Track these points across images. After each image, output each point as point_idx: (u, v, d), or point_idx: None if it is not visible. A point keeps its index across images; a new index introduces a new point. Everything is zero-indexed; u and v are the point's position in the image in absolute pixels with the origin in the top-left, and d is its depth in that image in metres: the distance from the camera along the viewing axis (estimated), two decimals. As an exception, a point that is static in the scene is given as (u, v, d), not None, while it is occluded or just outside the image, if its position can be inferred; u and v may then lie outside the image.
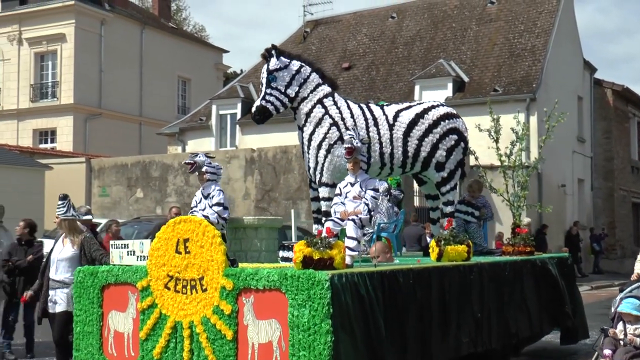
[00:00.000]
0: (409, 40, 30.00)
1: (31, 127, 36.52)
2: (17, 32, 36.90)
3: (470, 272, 7.93)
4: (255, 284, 6.06)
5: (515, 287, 8.85)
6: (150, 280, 6.80)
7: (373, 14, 32.37)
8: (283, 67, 8.92)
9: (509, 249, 9.58)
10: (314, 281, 5.74)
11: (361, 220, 7.33)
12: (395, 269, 6.74)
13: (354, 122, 8.96)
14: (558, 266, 9.96)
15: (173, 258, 6.67)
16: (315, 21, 33.57)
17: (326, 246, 6.17)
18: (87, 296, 7.32)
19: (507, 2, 29.14)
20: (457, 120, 9.73)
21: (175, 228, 6.73)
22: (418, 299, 6.89)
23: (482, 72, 26.93)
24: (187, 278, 6.54)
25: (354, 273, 6.09)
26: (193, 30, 54.85)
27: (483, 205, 10.68)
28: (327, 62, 30.89)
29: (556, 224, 26.26)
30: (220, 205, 8.11)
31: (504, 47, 27.35)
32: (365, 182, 7.64)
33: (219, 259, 6.34)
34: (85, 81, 35.76)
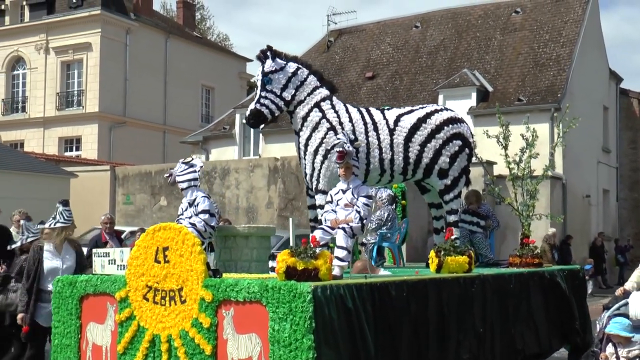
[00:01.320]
0: (433, 49, 29.91)
1: (57, 135, 36.87)
2: (44, 41, 37.33)
3: (472, 285, 7.51)
4: (236, 296, 5.73)
5: (521, 300, 8.43)
6: (129, 291, 6.48)
7: (397, 23, 32.33)
8: (279, 69, 8.60)
9: (516, 261, 9.17)
10: (296, 293, 5.41)
11: (352, 228, 6.91)
12: (388, 281, 6.38)
13: (352, 126, 8.60)
14: (568, 279, 9.49)
15: (152, 267, 6.33)
16: (339, 30, 33.59)
17: (311, 256, 5.82)
18: (66, 307, 7.01)
19: (532, 12, 28.97)
20: (461, 125, 9.31)
21: (155, 236, 6.38)
22: (412, 313, 6.50)
23: (506, 81, 26.76)
24: (166, 289, 6.20)
25: (340, 285, 5.75)
26: (217, 39, 55.16)
27: (488, 214, 10.35)
28: (351, 71, 30.89)
29: (581, 234, 25.98)
30: (206, 213, 7.70)
31: (529, 57, 27.17)
32: (357, 188, 7.21)
33: (199, 269, 6.02)
34: (110, 90, 36.07)
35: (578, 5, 28.07)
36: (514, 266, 9.08)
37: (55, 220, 8.14)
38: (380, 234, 9.77)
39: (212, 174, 23.77)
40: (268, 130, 28.60)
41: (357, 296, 5.82)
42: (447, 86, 26.81)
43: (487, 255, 10.00)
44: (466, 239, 9.81)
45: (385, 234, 9.81)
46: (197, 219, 7.64)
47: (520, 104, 24.64)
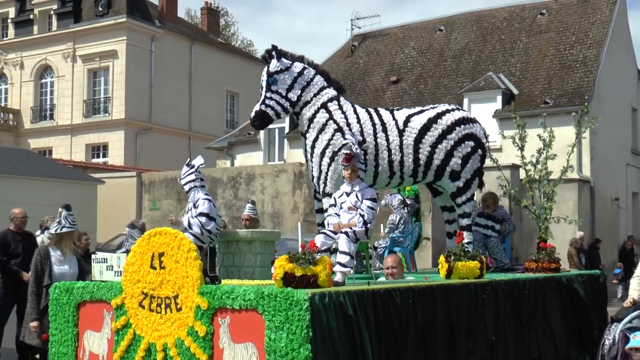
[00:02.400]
0: (458, 52, 29.77)
1: (84, 142, 37.24)
2: (71, 50, 37.75)
3: (483, 291, 7.13)
4: (231, 303, 5.50)
5: (537, 307, 8.02)
6: (125, 298, 6.28)
7: (421, 27, 32.23)
8: (284, 69, 8.34)
9: (532, 266, 8.75)
10: (292, 301, 5.15)
11: (355, 233, 6.59)
12: (392, 287, 6.08)
13: (360, 127, 8.36)
14: (587, 285, 9.03)
15: (148, 274, 6.11)
16: (363, 35, 33.56)
17: (309, 262, 5.56)
18: (63, 314, 6.83)
19: (558, 13, 28.72)
20: (474, 126, 8.98)
21: (151, 241, 6.15)
22: (419, 320, 6.21)
23: (532, 84, 26.55)
24: (162, 296, 6.00)
25: (339, 292, 5.48)
26: (241, 45, 55.40)
27: (503, 218, 10.00)
28: (375, 75, 30.84)
29: (609, 238, 25.66)
30: (204, 216, 7.43)
31: (555, 59, 26.93)
32: (361, 191, 6.89)
33: (194, 275, 5.79)
34: (136, 96, 36.36)
35: (605, 6, 27.77)
36: (530, 271, 8.71)
37: (60, 225, 8.08)
38: (392, 238, 9.61)
39: (237, 179, 23.84)
40: (293, 135, 28.62)
41: (358, 304, 5.57)
42: (472, 89, 26.65)
43: (502, 260, 9.67)
44: (480, 243, 9.51)
45: (397, 238, 9.62)
46: (194, 221, 7.46)
47: (546, 107, 24.42)
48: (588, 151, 24.55)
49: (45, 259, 8.14)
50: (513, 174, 21.04)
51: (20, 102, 39.25)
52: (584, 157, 24.44)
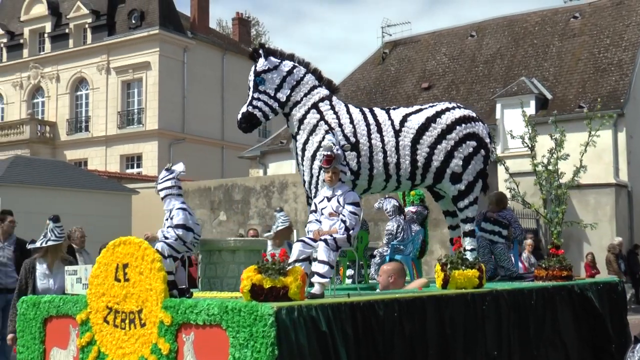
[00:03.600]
0: (489, 58, 29.58)
1: (118, 152, 37.67)
2: (105, 62, 38.25)
3: (482, 302, 6.59)
4: (195, 319, 5.10)
5: (545, 318, 7.44)
6: (90, 313, 5.87)
7: (452, 33, 32.10)
8: (272, 68, 7.87)
9: (541, 274, 8.17)
10: (256, 316, 4.74)
11: (336, 240, 6.12)
12: (374, 299, 5.60)
13: (353, 128, 7.86)
14: (603, 294, 8.40)
15: (112, 287, 5.71)
16: (394, 42, 33.52)
17: (279, 272, 5.13)
18: (30, 330, 6.43)
19: (591, 16, 28.41)
20: (476, 124, 8.41)
21: (115, 251, 5.74)
22: (407, 335, 5.71)
23: (565, 88, 26.27)
24: (126, 310, 5.59)
25: (311, 305, 5.01)
26: (273, 54, 55.56)
27: (509, 222, 9.35)
28: (407, 82, 30.76)
29: (648, 244, 25.26)
30: (181, 228, 7.05)
31: (589, 62, 26.62)
32: (343, 195, 6.40)
33: (158, 288, 5.39)
34: (169, 107, 36.70)
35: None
36: (539, 280, 8.15)
37: (46, 238, 7.69)
38: (392, 246, 9.14)
39: (270, 188, 23.91)
40: (325, 144, 28.63)
41: (333, 318, 5.10)
42: (504, 95, 26.46)
43: (509, 268, 9.05)
44: (486, 250, 8.98)
45: (397, 246, 9.15)
46: (171, 232, 7.06)
47: (581, 111, 24.17)
48: (625, 155, 24.21)
49: (30, 272, 7.85)
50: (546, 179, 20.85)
51: (57, 114, 39.85)
52: (620, 161, 24.11)
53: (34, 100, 41.41)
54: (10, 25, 42.83)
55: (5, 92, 41.99)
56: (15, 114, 40.85)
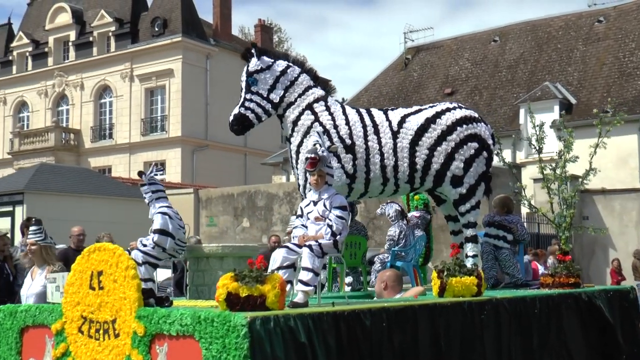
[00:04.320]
0: (513, 63, 29.43)
1: (142, 159, 37.90)
2: (128, 70, 38.55)
3: (481, 311, 6.24)
4: (169, 329, 4.85)
5: (550, 328, 7.06)
6: (65, 323, 5.62)
7: (475, 38, 31.98)
8: (265, 68, 7.58)
9: (548, 281, 7.81)
10: (229, 326, 4.50)
11: (321, 246, 5.82)
12: (360, 309, 5.27)
13: (349, 129, 7.56)
14: (613, 301, 7.96)
15: (87, 295, 5.45)
16: (417, 47, 33.46)
17: (256, 280, 4.87)
18: (6, 341, 6.16)
19: (616, 20, 28.16)
20: (478, 125, 8.07)
21: (90, 258, 5.48)
22: (396, 346, 5.38)
23: (590, 93, 26.07)
24: (101, 320, 5.34)
25: (289, 315, 4.74)
26: (295, 61, 55.71)
27: (510, 224, 8.89)
28: (429, 88, 30.68)
29: (676, 250, 24.92)
30: (158, 233, 6.78)
31: (614, 67, 26.39)
32: (330, 199, 6.10)
33: (132, 297, 5.13)
34: (192, 114, 36.90)
35: (665, 11, 27.19)
36: (546, 287, 7.79)
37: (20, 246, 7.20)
38: (393, 252, 8.86)
39: (293, 194, 23.92)
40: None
41: (314, 328, 4.81)
42: (528, 100, 26.30)
43: (514, 275, 8.66)
44: (490, 256, 8.64)
45: (398, 252, 8.86)
46: (150, 238, 6.83)
47: (605, 116, 23.94)
48: (651, 160, 23.96)
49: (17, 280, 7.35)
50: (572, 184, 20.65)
51: (81, 122, 40.21)
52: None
53: (59, 108, 41.83)
54: (35, 34, 43.35)
55: (31, 100, 42.46)
56: (41, 122, 41.29)
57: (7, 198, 19.89)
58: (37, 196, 19.77)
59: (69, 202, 20.87)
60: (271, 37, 49.00)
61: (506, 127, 26.78)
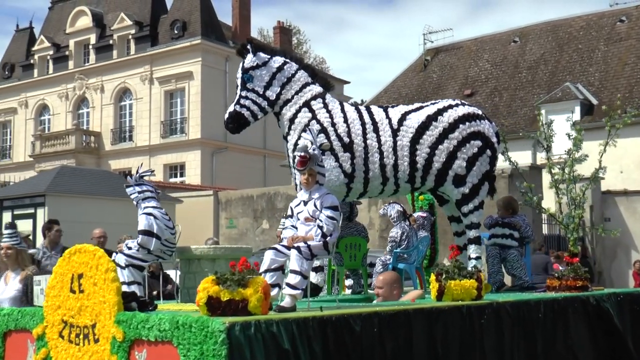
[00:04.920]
0: (533, 64, 29.23)
1: (162, 162, 38.07)
2: (148, 72, 38.74)
3: (481, 315, 5.95)
4: (147, 334, 4.65)
5: (556, 333, 6.76)
6: (46, 327, 5.44)
7: (494, 39, 31.81)
8: (261, 64, 7.38)
9: (554, 284, 7.53)
10: (207, 332, 4.30)
11: (310, 248, 5.57)
12: (349, 313, 5.04)
13: (347, 127, 7.33)
14: (624, 306, 7.61)
15: (68, 299, 5.27)
16: (436, 49, 33.34)
17: (238, 283, 4.66)
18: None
19: (638, 20, 27.88)
20: (481, 123, 7.77)
21: (70, 261, 5.30)
22: (388, 353, 5.14)
23: (612, 93, 25.80)
24: (81, 325, 5.15)
25: (272, 320, 4.51)
26: (314, 62, 55.77)
27: (514, 224, 8.60)
28: (449, 89, 30.55)
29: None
30: (142, 234, 6.56)
31: (636, 67, 26.12)
32: (321, 198, 5.84)
33: (111, 301, 4.93)
34: (211, 116, 36.98)
35: (688, 11, 26.89)
36: (552, 290, 7.51)
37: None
38: (395, 254, 8.61)
39: (312, 196, 23.94)
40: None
41: (298, 334, 4.59)
42: (549, 101, 26.12)
43: (521, 277, 8.37)
44: (496, 260, 8.37)
45: (400, 254, 8.62)
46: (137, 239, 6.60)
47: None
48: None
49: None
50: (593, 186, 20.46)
51: (101, 124, 40.46)
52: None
53: (79, 111, 42.11)
54: (56, 37, 43.68)
55: (52, 103, 42.79)
56: (61, 125, 41.59)
57: (29, 200, 20.01)
58: (58, 198, 19.87)
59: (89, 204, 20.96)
60: (290, 39, 49.04)
61: (526, 128, 26.59)
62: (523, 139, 18.89)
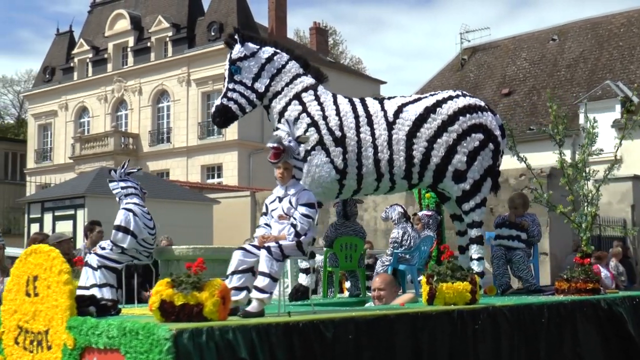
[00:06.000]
0: (572, 62, 28.86)
1: (199, 163, 38.34)
2: (185, 74, 39.04)
3: (475, 320, 5.49)
4: (97, 341, 4.34)
5: (562, 339, 6.28)
6: (3, 333, 5.12)
7: (533, 38, 31.47)
8: (249, 55, 6.96)
9: (563, 286, 7.03)
10: (153, 340, 3.97)
11: (282, 248, 5.16)
12: (320, 319, 4.61)
13: (339, 121, 6.91)
14: (638, 310, 7.20)
15: (23, 303, 4.94)
16: (473, 48, 33.10)
17: (194, 286, 4.33)
18: None
19: (680, 16, 27.44)
20: (483, 115, 7.28)
21: (27, 262, 4.97)
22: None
23: (653, 91, 25.42)
24: (35, 330, 4.84)
25: (228, 327, 4.13)
26: (350, 63, 55.74)
27: (530, 224, 8.11)
28: (486, 88, 30.29)
29: None
30: (119, 230, 6.24)
31: (678, 64, 25.71)
32: (297, 195, 5.43)
33: (64, 305, 4.59)
34: (248, 117, 36.63)
35: None
36: (561, 293, 7.04)
37: None
38: (395, 255, 8.20)
39: (348, 197, 23.88)
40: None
41: (259, 342, 4.21)
42: (588, 99, 25.73)
43: (527, 280, 7.92)
44: (501, 261, 7.91)
45: (401, 255, 8.21)
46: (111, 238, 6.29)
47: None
48: None
49: None
50: (635, 185, 20.07)
51: (139, 126, 40.88)
52: None
53: (118, 113, 42.60)
54: (95, 41, 44.26)
55: (91, 105, 43.36)
56: (100, 127, 42.12)
57: (69, 202, 20.30)
58: (97, 200, 20.12)
59: (128, 206, 21.19)
60: (326, 39, 49.09)
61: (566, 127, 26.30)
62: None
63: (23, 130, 51.10)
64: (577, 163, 7.91)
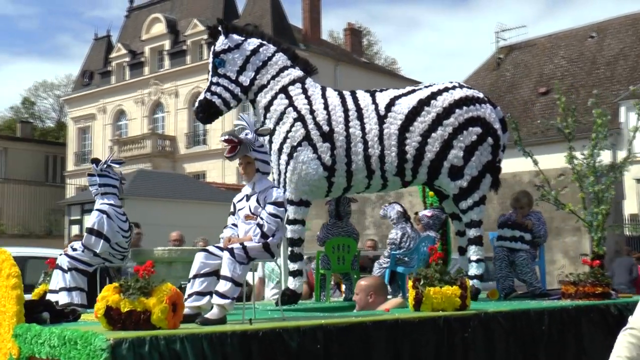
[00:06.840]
0: (612, 59, 28.42)
1: (235, 164, 38.30)
2: (220, 76, 39.26)
3: (464, 328, 5.08)
4: (40, 351, 4.09)
5: (566, 348, 5.85)
6: None
7: (570, 35, 31.06)
8: (234, 47, 6.67)
9: (570, 290, 6.63)
10: (90, 350, 3.70)
11: (246, 250, 4.80)
12: (283, 327, 4.32)
13: (327, 115, 6.57)
14: None
15: None
16: (509, 47, 32.78)
17: (142, 292, 4.06)
18: None
19: None
20: (481, 107, 6.83)
21: None
22: None
23: (696, 88, 24.93)
24: None
25: (176, 336, 3.84)
26: (384, 63, 55.59)
27: (535, 223, 7.65)
28: (523, 87, 29.98)
29: None
30: (92, 234, 6.02)
31: None
32: (265, 192, 5.07)
33: (10, 311, 4.36)
34: (283, 119, 37.24)
35: None
36: (567, 297, 6.64)
37: None
38: (393, 256, 7.73)
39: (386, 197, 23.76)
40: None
41: (211, 352, 3.92)
42: (629, 97, 25.32)
43: (532, 283, 7.48)
44: (504, 263, 7.47)
45: (399, 256, 7.75)
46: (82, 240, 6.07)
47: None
48: None
49: None
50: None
51: (176, 128, 41.22)
52: None
53: (155, 116, 43.00)
54: (132, 45, 44.75)
55: (129, 108, 43.83)
56: (138, 130, 42.55)
57: (108, 204, 20.54)
58: (136, 201, 20.34)
59: (166, 207, 21.39)
60: (360, 40, 49.04)
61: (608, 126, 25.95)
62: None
63: (63, 133, 51.85)
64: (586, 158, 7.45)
